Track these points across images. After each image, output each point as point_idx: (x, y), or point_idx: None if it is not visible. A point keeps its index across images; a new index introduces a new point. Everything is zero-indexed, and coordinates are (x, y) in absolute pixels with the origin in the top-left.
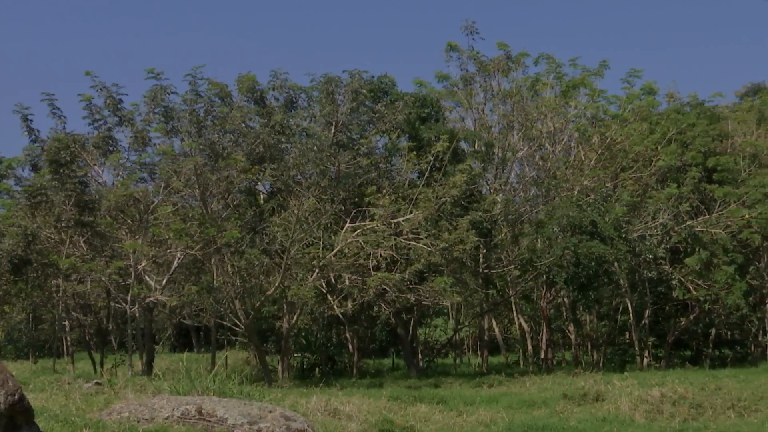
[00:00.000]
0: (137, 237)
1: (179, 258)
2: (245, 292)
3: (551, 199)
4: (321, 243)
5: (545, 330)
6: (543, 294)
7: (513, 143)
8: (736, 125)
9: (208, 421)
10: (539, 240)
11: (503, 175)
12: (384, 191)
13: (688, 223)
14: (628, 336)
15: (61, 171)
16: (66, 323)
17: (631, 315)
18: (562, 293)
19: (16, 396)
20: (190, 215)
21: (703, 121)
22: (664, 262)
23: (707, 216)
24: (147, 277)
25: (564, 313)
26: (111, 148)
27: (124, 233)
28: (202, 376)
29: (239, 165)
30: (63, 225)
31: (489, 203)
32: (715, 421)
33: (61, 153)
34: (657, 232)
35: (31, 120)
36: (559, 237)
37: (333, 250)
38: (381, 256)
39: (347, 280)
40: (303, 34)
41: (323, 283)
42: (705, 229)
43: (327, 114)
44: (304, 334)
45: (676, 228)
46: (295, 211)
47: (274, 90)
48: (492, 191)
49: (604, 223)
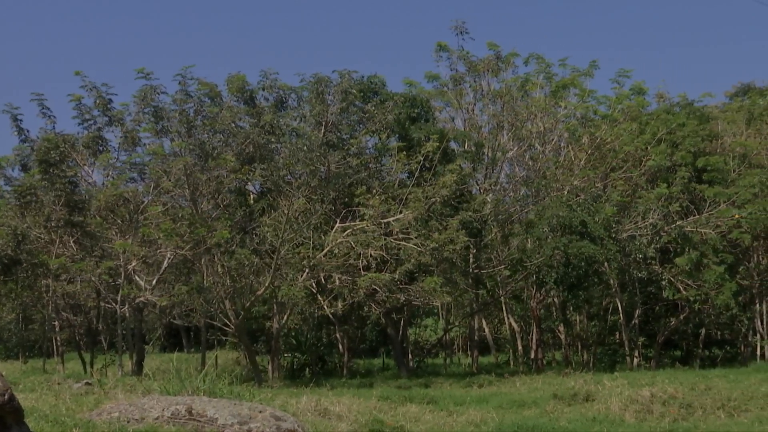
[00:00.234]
0: (127, 237)
1: (169, 258)
2: (235, 292)
3: (541, 199)
4: (311, 243)
5: (535, 330)
6: (533, 294)
7: (503, 143)
8: (725, 125)
9: (198, 422)
10: (529, 240)
11: (493, 175)
12: (374, 191)
13: (678, 223)
14: (618, 336)
15: (51, 171)
16: (56, 323)
17: (621, 315)
18: (552, 293)
19: (5, 396)
20: (180, 215)
21: (693, 121)
22: (654, 262)
23: (697, 216)
24: (137, 277)
25: (554, 313)
26: (101, 148)
27: (114, 233)
28: (192, 376)
29: (229, 165)
30: (53, 225)
31: (479, 203)
32: (705, 421)
33: (51, 153)
34: (647, 232)
35: (21, 120)
36: (549, 237)
37: (323, 250)
38: (371, 256)
39: (337, 280)
40: (293, 34)
41: (313, 283)
42: (695, 229)
43: (317, 114)
44: (294, 334)
45: (666, 228)
46: (285, 211)
47: (264, 90)
48: (482, 191)
49: (594, 223)
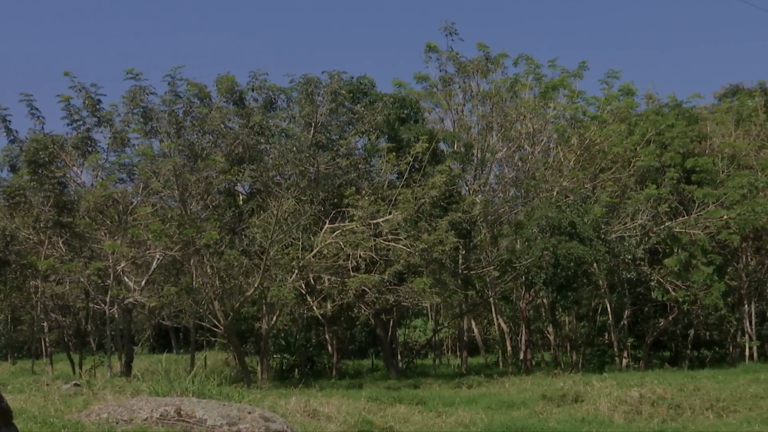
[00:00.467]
0: (116, 238)
1: (158, 259)
2: (224, 293)
3: (530, 200)
4: (300, 244)
5: (524, 331)
6: (522, 295)
7: (492, 144)
8: (714, 126)
9: (187, 422)
10: (518, 241)
11: (482, 176)
12: (363, 192)
13: (666, 224)
14: (607, 337)
15: (40, 172)
16: (45, 324)
17: (610, 316)
18: (541, 294)
19: None
20: (169, 216)
21: (682, 123)
22: (643, 263)
23: (686, 217)
24: (126, 278)
25: (543, 314)
26: (90, 148)
27: (102, 234)
28: (181, 377)
29: (218, 166)
30: (42, 226)
31: (468, 204)
32: (694, 422)
33: (40, 154)
34: (636, 233)
35: (10, 121)
36: (538, 238)
37: (312, 251)
38: (360, 257)
39: (327, 281)
40: (282, 35)
41: (303, 284)
42: (684, 230)
43: (306, 115)
44: (283, 335)
45: (654, 229)
46: (275, 212)
47: (253, 91)
48: (471, 192)
49: (583, 224)
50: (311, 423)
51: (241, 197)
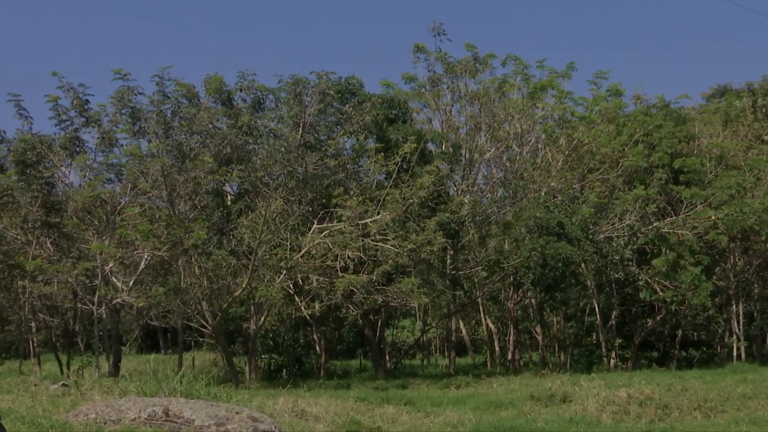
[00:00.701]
0: (104, 238)
1: (146, 259)
2: (212, 293)
3: (518, 201)
4: (288, 244)
5: (512, 331)
6: (510, 295)
7: (480, 144)
8: (702, 127)
9: (175, 423)
10: (506, 241)
11: (470, 177)
12: (351, 192)
13: (654, 225)
14: (594, 337)
15: (28, 172)
16: (32, 324)
17: (598, 316)
18: (529, 294)
19: None
20: (157, 216)
21: (670, 123)
22: (630, 263)
23: (674, 217)
24: (114, 279)
25: (531, 315)
26: (78, 149)
27: (90, 234)
28: (169, 377)
29: (206, 166)
30: (29, 226)
31: (456, 204)
32: (682, 422)
33: (28, 154)
34: (624, 233)
35: None
36: (527, 238)
37: (300, 251)
38: (348, 257)
39: (315, 281)
40: (270, 35)
41: (291, 285)
42: (671, 231)
43: (294, 115)
44: (271, 335)
45: (642, 229)
46: (263, 213)
47: (241, 91)
48: (459, 192)
49: (571, 225)
50: (299, 423)
51: (230, 197)
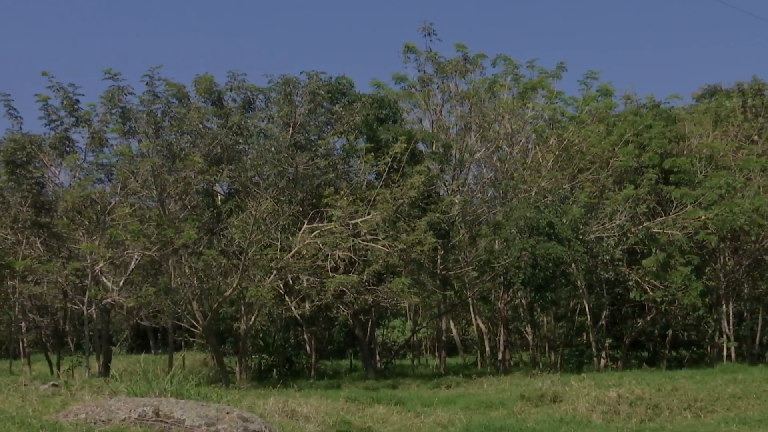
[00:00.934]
0: (94, 238)
1: (136, 259)
2: (203, 293)
3: (509, 201)
4: (279, 244)
5: (503, 331)
6: (500, 295)
7: (470, 145)
8: (692, 127)
9: (165, 423)
10: (497, 241)
11: (461, 177)
12: (342, 192)
13: (645, 225)
14: (585, 337)
15: (18, 172)
16: (22, 324)
17: (588, 316)
18: (519, 294)
19: None
20: (147, 216)
21: (660, 123)
22: (621, 263)
23: (664, 217)
24: (104, 279)
25: (521, 314)
26: (68, 148)
27: (81, 234)
28: (159, 377)
29: (197, 166)
30: (19, 226)
31: (447, 204)
32: (672, 422)
33: (18, 154)
34: (614, 233)
35: None
36: (517, 238)
37: (291, 251)
38: (339, 257)
39: (305, 281)
40: (260, 35)
41: (281, 285)
42: (662, 231)
43: (285, 115)
44: (261, 335)
45: (633, 229)
46: (253, 213)
47: (231, 91)
48: (450, 192)
49: (561, 225)
50: (290, 423)
51: (220, 197)
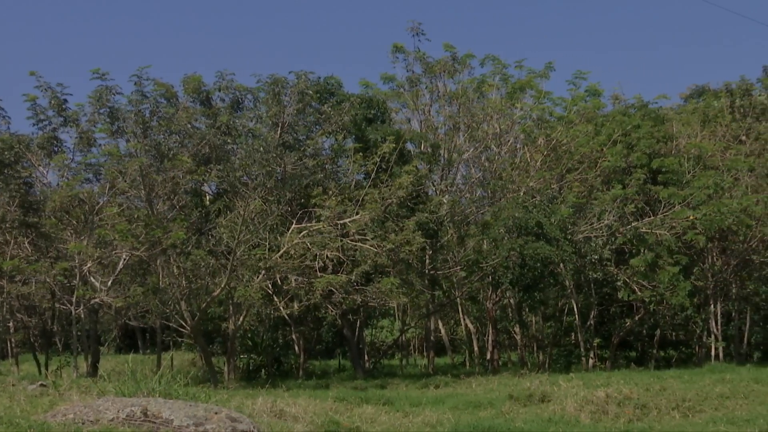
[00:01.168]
0: (82, 238)
1: (125, 259)
2: (191, 293)
3: (497, 201)
4: (267, 244)
5: (491, 331)
6: (489, 295)
7: (459, 144)
8: (680, 127)
9: (153, 423)
10: (485, 241)
11: (449, 177)
12: (330, 192)
13: (633, 225)
14: (573, 337)
15: (5, 172)
16: (10, 324)
17: (577, 316)
18: (507, 294)
19: None
20: (135, 216)
21: (648, 123)
22: (609, 263)
23: (652, 217)
24: (92, 279)
25: (510, 314)
26: (56, 148)
27: (69, 234)
28: (147, 377)
29: (185, 166)
30: (7, 226)
31: (435, 204)
32: (660, 422)
33: (5, 153)
34: (602, 233)
35: None
36: (505, 238)
37: (279, 251)
38: (327, 257)
39: (293, 281)
40: (249, 34)
41: (269, 285)
42: (650, 231)
43: (273, 115)
44: (250, 335)
45: (621, 229)
46: (241, 212)
47: (220, 91)
48: (438, 192)
49: (549, 225)
50: (278, 423)
51: (208, 197)
